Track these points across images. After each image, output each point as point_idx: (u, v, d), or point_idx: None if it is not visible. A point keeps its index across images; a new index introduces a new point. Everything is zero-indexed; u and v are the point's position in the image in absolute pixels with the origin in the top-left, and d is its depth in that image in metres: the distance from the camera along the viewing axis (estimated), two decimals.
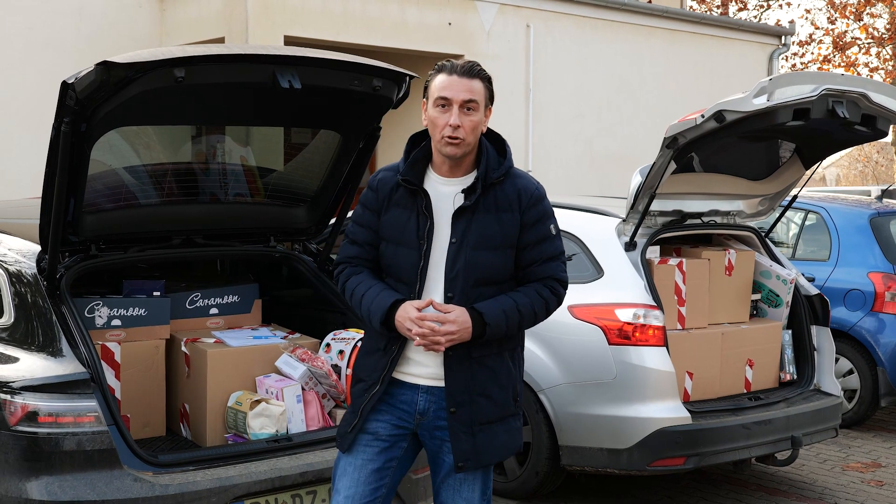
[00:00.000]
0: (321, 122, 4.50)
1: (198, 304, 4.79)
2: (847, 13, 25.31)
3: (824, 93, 4.98)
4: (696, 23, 16.42)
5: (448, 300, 3.16)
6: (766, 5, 28.37)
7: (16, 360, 3.83)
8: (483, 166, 3.19)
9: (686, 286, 5.66)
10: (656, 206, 5.54)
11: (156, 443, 4.36)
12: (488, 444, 3.24)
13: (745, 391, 5.84)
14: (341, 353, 4.45)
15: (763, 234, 6.31)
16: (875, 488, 6.23)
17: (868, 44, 25.56)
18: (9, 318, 4.03)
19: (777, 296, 6.08)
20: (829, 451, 7.05)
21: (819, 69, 25.10)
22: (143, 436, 4.35)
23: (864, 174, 47.50)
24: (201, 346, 4.44)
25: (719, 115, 4.93)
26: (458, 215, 3.18)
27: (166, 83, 3.54)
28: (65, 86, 3.49)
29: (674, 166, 5.25)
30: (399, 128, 13.50)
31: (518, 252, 3.23)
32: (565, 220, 5.80)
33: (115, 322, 4.42)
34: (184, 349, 4.51)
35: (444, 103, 3.13)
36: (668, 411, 5.23)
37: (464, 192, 3.19)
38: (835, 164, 48.43)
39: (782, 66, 20.75)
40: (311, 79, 3.78)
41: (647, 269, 5.45)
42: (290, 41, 11.60)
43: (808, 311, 6.09)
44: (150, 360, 4.48)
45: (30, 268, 4.07)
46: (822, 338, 6.09)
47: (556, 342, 5.50)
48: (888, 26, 25.09)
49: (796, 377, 6.06)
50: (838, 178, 48.58)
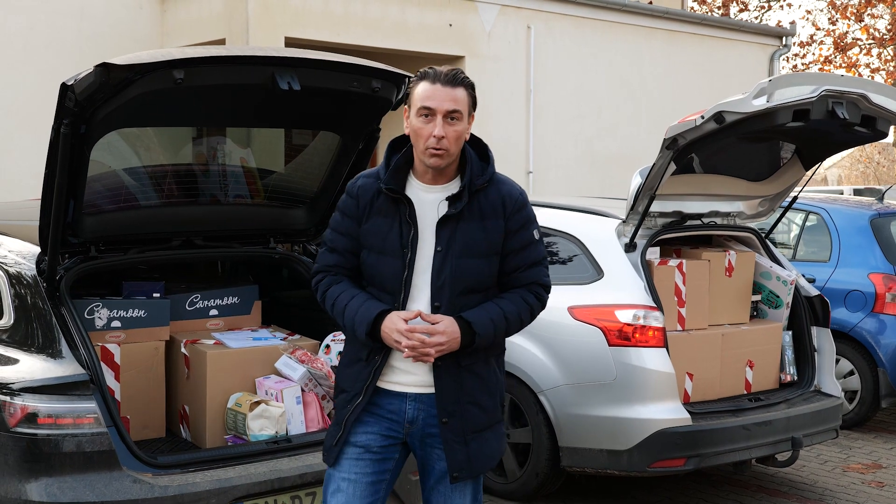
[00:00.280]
0: (320, 123, 4.50)
1: (197, 306, 4.79)
2: (848, 14, 25.32)
3: (824, 94, 4.98)
4: (697, 23, 16.42)
5: (435, 309, 3.11)
6: (767, 6, 28.38)
7: (15, 361, 3.84)
8: (468, 174, 3.13)
9: (686, 287, 5.66)
10: (656, 207, 5.54)
11: (155, 444, 4.35)
12: (480, 452, 3.21)
13: (746, 392, 5.84)
14: (341, 354, 4.44)
15: (763, 235, 6.31)
16: (876, 489, 6.23)
17: (869, 45, 25.57)
18: (8, 320, 4.03)
19: (777, 297, 6.08)
20: (830, 452, 7.04)
21: (820, 70, 25.11)
22: (143, 437, 4.35)
23: (866, 175, 47.47)
24: (201, 348, 4.44)
25: (719, 116, 4.93)
26: (443, 223, 3.12)
27: (166, 85, 3.54)
28: (64, 87, 3.49)
29: (674, 167, 5.25)
30: (398, 129, 13.53)
31: (502, 258, 3.18)
32: (565, 222, 5.84)
33: (115, 323, 4.41)
34: (183, 350, 4.51)
35: (428, 113, 3.05)
36: (668, 412, 5.22)
37: (448, 199, 3.13)
38: (836, 165, 48.42)
39: (783, 67, 20.75)
40: (310, 80, 3.79)
41: (647, 270, 5.45)
42: (290, 42, 11.60)
43: (808, 312, 6.09)
44: (149, 362, 4.48)
45: (29, 269, 4.07)
46: (822, 339, 6.09)
47: (556, 343, 5.50)
48: (889, 27, 25.10)
49: (797, 378, 6.05)
50: (840, 179, 48.56)
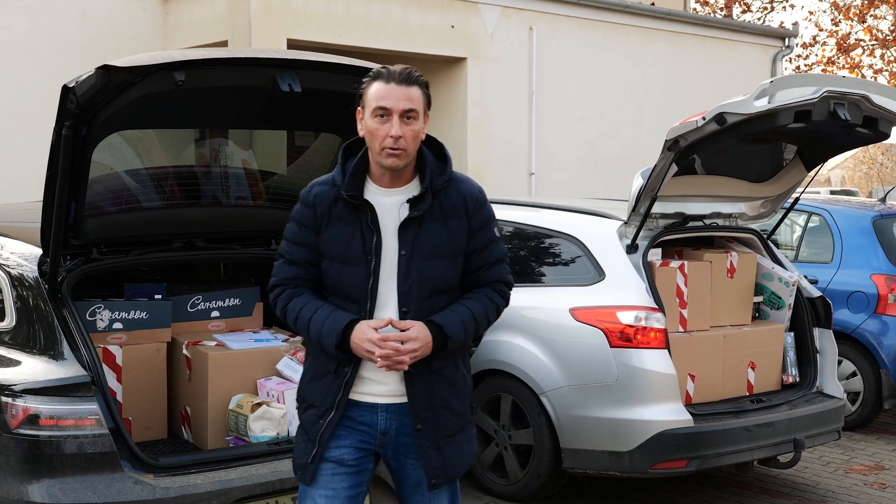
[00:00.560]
0: (322, 125, 4.51)
1: (199, 307, 4.79)
2: (851, 15, 25.30)
3: (825, 95, 4.98)
4: (700, 25, 16.41)
5: (403, 315, 3.04)
6: (769, 7, 28.37)
7: (17, 363, 3.85)
8: (428, 174, 3.07)
9: (688, 288, 5.66)
10: (658, 208, 5.54)
11: (157, 445, 4.37)
12: (455, 457, 3.16)
13: (748, 394, 5.83)
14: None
15: (765, 237, 6.31)
16: (878, 491, 6.22)
17: (872, 46, 25.55)
18: (10, 322, 4.04)
19: (779, 298, 6.07)
20: (833, 453, 7.04)
21: (823, 71, 25.11)
22: (145, 438, 4.36)
23: (870, 176, 47.47)
24: (202, 349, 4.45)
25: (720, 118, 4.93)
26: (406, 226, 3.05)
27: (167, 87, 3.56)
28: (66, 89, 3.50)
29: (675, 169, 5.25)
30: None
31: (465, 257, 3.14)
32: (567, 223, 5.84)
33: (117, 325, 4.43)
34: (185, 352, 4.52)
35: (383, 113, 2.97)
36: (669, 414, 5.22)
37: (409, 201, 3.06)
38: (839, 166, 48.43)
39: (786, 68, 20.74)
40: (310, 82, 3.80)
41: (648, 271, 5.45)
42: (292, 44, 11.62)
43: (810, 314, 6.08)
44: (151, 363, 4.49)
45: (31, 271, 4.08)
46: (824, 340, 6.09)
47: (558, 345, 5.50)
48: (892, 28, 25.08)
49: (799, 379, 6.05)
50: (843, 180, 48.54)
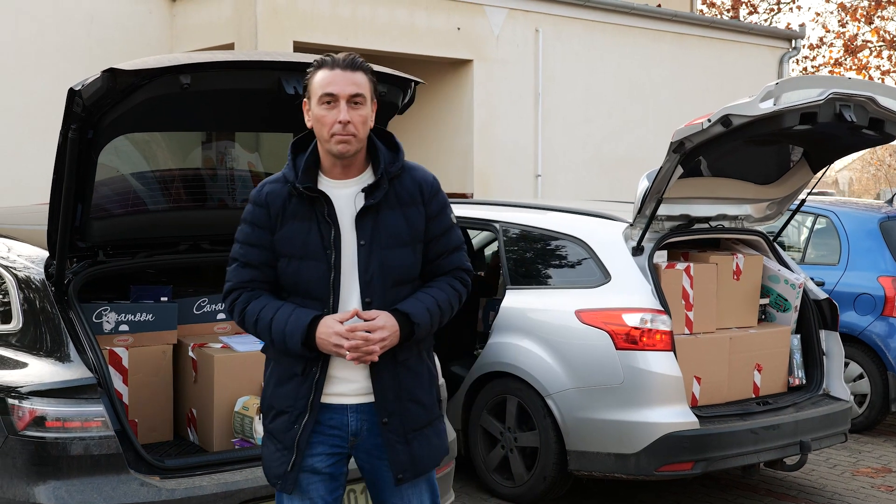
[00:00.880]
0: None
1: (205, 310, 4.80)
2: (858, 16, 25.25)
3: (831, 97, 4.97)
4: (706, 26, 16.39)
5: (367, 305, 3.00)
6: (776, 9, 28.33)
7: (24, 365, 3.86)
8: (381, 163, 3.04)
9: (694, 291, 5.66)
10: (663, 210, 5.54)
11: (163, 447, 4.37)
12: (423, 451, 3.11)
13: (754, 396, 5.83)
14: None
15: (771, 239, 6.30)
16: (885, 493, 6.21)
17: (879, 47, 25.50)
18: (17, 324, 4.05)
19: (785, 300, 6.07)
20: (840, 455, 7.03)
21: (830, 73, 25.06)
22: (151, 440, 4.36)
23: (877, 177, 47.37)
24: (208, 352, 4.46)
25: (726, 120, 4.92)
26: (363, 216, 3.02)
27: (172, 90, 3.57)
28: (72, 93, 3.51)
29: (681, 171, 5.24)
30: (403, 133, 13.52)
31: (425, 245, 3.11)
32: (573, 225, 5.84)
33: (123, 327, 4.44)
34: (191, 354, 4.53)
35: (330, 99, 2.94)
36: (675, 416, 5.22)
37: (364, 190, 3.02)
38: (847, 168, 48.30)
39: (793, 70, 20.70)
40: None
41: (654, 273, 5.45)
42: (299, 46, 11.63)
43: (816, 316, 6.08)
44: (157, 366, 4.50)
45: (38, 273, 4.09)
46: (830, 342, 6.08)
47: (564, 347, 5.50)
48: None
49: (805, 382, 6.04)
50: (851, 182, 48.44)
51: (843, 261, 7.88)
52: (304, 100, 3.06)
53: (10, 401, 3.66)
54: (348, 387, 3.07)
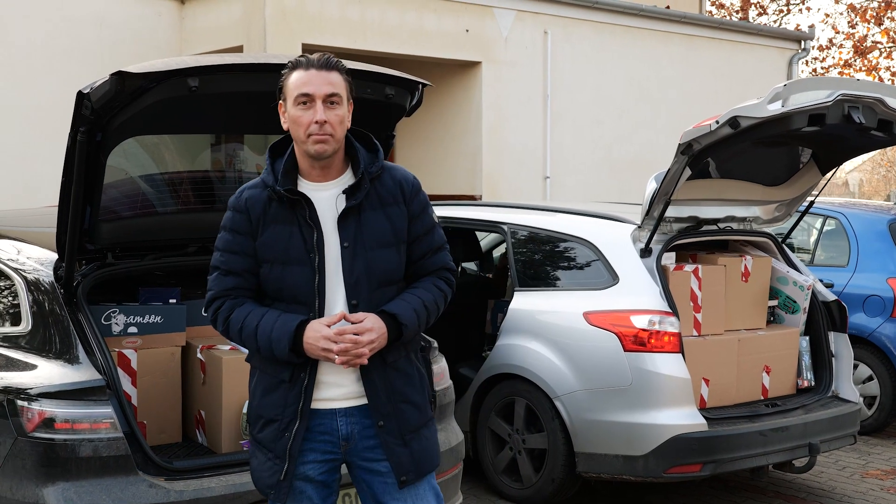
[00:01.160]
0: None
1: None
2: (868, 17, 25.19)
3: (840, 98, 4.97)
4: (715, 28, 16.36)
5: (353, 308, 2.96)
6: (785, 10, 28.27)
7: (33, 367, 3.87)
8: (361, 163, 3.01)
9: (702, 292, 5.65)
10: (672, 212, 5.54)
11: (171, 449, 4.38)
12: (423, 451, 3.08)
13: (762, 398, 5.82)
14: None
15: (780, 240, 6.29)
16: (895, 496, 6.19)
17: (889, 48, 25.43)
18: (27, 326, 4.07)
19: (794, 302, 6.06)
20: (849, 458, 7.01)
21: (840, 74, 25.01)
22: (159, 442, 4.37)
23: (888, 179, 47.21)
24: (217, 353, 4.46)
25: (734, 122, 4.92)
26: (345, 217, 2.98)
27: (181, 92, 3.57)
28: (80, 95, 3.53)
29: (689, 172, 5.24)
30: (411, 135, 13.54)
31: (408, 245, 3.08)
32: (581, 227, 5.84)
33: (132, 329, 4.45)
34: (199, 356, 4.54)
35: (306, 100, 2.91)
36: (684, 418, 5.21)
37: (346, 192, 2.99)
38: (857, 169, 48.16)
39: (802, 71, 20.66)
40: None
41: (662, 275, 5.44)
42: (308, 49, 11.65)
43: (825, 318, 6.06)
44: (166, 367, 4.51)
45: (47, 276, 4.11)
46: (839, 344, 6.07)
47: (572, 349, 5.50)
48: None
49: (814, 384, 6.03)
50: (861, 183, 48.30)
51: (852, 262, 7.86)
52: (280, 102, 3.02)
53: (20, 402, 3.67)
54: (337, 391, 3.03)
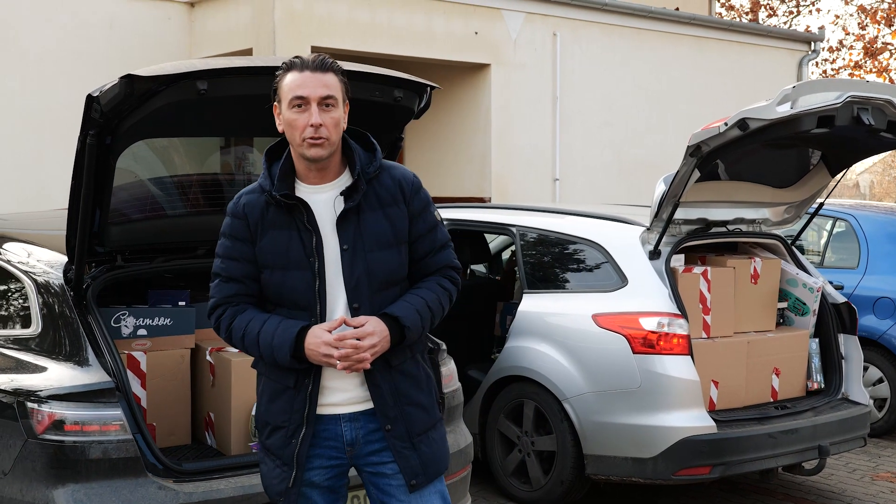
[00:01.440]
0: None
1: None
2: (878, 19, 25.12)
3: (849, 100, 4.95)
4: (724, 30, 16.33)
5: (354, 312, 2.92)
6: (795, 11, 28.21)
7: (43, 369, 3.88)
8: (358, 164, 2.96)
9: (711, 294, 5.64)
10: (680, 214, 5.53)
11: (181, 451, 4.39)
12: (433, 454, 3.04)
13: (772, 400, 5.81)
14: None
15: (789, 242, 6.28)
16: None
17: None
18: (36, 328, 4.08)
19: (804, 304, 6.04)
20: (859, 460, 6.99)
21: (850, 75, 24.95)
22: (169, 444, 4.39)
23: None
24: (226, 356, 4.47)
25: (743, 123, 4.91)
26: (343, 219, 2.94)
27: (190, 95, 3.58)
28: (90, 99, 3.54)
29: (698, 174, 5.23)
30: (418, 138, 13.55)
31: (410, 245, 3.03)
32: (589, 229, 5.84)
33: (141, 331, 4.46)
34: (209, 358, 4.55)
35: (301, 103, 2.86)
36: (693, 420, 5.21)
37: (343, 193, 2.95)
38: (868, 171, 47.98)
39: (812, 73, 20.61)
40: None
41: (671, 277, 5.44)
42: (317, 51, 11.63)
43: (835, 320, 6.05)
44: (175, 370, 4.52)
45: (57, 278, 4.12)
46: (849, 346, 6.06)
47: (580, 351, 5.50)
48: None
49: (824, 386, 6.02)
50: (872, 185, 48.13)
51: (862, 264, 7.84)
52: (274, 104, 2.98)
53: (30, 404, 3.68)
54: (342, 396, 3.00)
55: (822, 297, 6.05)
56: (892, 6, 24.88)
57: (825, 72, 25.87)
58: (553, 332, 5.67)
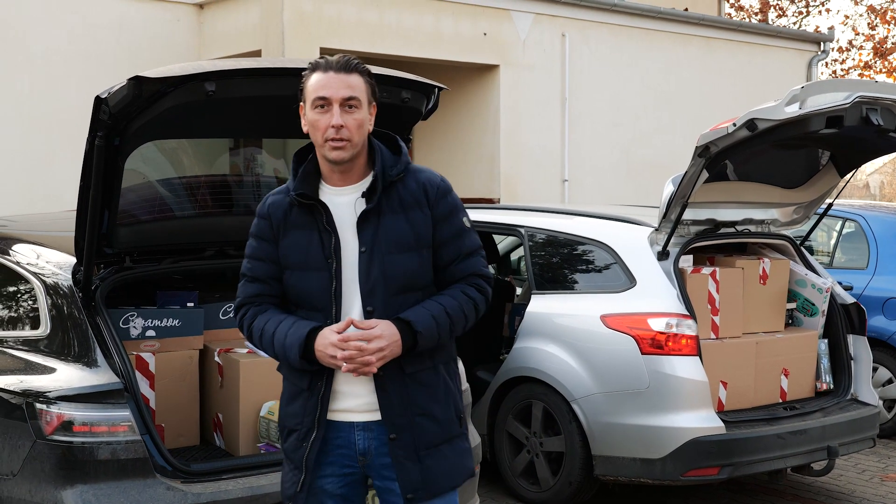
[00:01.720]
0: None
1: (231, 315, 4.82)
2: (888, 19, 25.04)
3: (858, 100, 4.94)
4: (734, 30, 16.30)
5: (368, 314, 2.86)
6: (805, 12, 28.14)
7: (52, 370, 3.90)
8: (379, 165, 2.92)
9: (720, 295, 5.64)
10: (689, 214, 5.52)
11: (189, 452, 4.40)
12: (438, 469, 2.92)
13: (781, 401, 5.80)
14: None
15: (798, 243, 6.26)
16: None
17: None
18: (45, 329, 4.10)
19: (812, 304, 6.03)
20: (868, 461, 6.97)
21: (860, 76, 24.88)
22: (177, 445, 4.40)
23: None
24: (234, 357, 4.48)
25: (751, 124, 4.90)
26: (363, 221, 2.90)
27: (198, 97, 3.59)
28: (98, 100, 3.55)
29: (706, 175, 5.22)
30: (426, 139, 13.55)
31: (435, 251, 2.96)
32: (598, 230, 5.83)
33: (150, 333, 4.47)
34: (217, 359, 4.56)
35: (323, 103, 2.84)
36: (701, 421, 5.20)
37: (364, 195, 2.91)
38: (878, 171, 47.82)
39: (822, 73, 20.56)
40: None
41: (679, 278, 5.43)
42: (326, 53, 11.62)
43: (844, 320, 6.04)
44: (183, 371, 4.53)
45: (66, 279, 4.13)
46: (858, 347, 6.04)
47: (589, 351, 5.49)
48: None
49: (833, 387, 6.00)
50: (882, 186, 47.99)
51: (871, 265, 7.82)
52: (300, 104, 2.96)
53: (38, 405, 3.70)
54: (354, 402, 2.93)
55: (831, 297, 6.03)
56: None
57: (835, 72, 25.82)
58: (561, 332, 5.67)
